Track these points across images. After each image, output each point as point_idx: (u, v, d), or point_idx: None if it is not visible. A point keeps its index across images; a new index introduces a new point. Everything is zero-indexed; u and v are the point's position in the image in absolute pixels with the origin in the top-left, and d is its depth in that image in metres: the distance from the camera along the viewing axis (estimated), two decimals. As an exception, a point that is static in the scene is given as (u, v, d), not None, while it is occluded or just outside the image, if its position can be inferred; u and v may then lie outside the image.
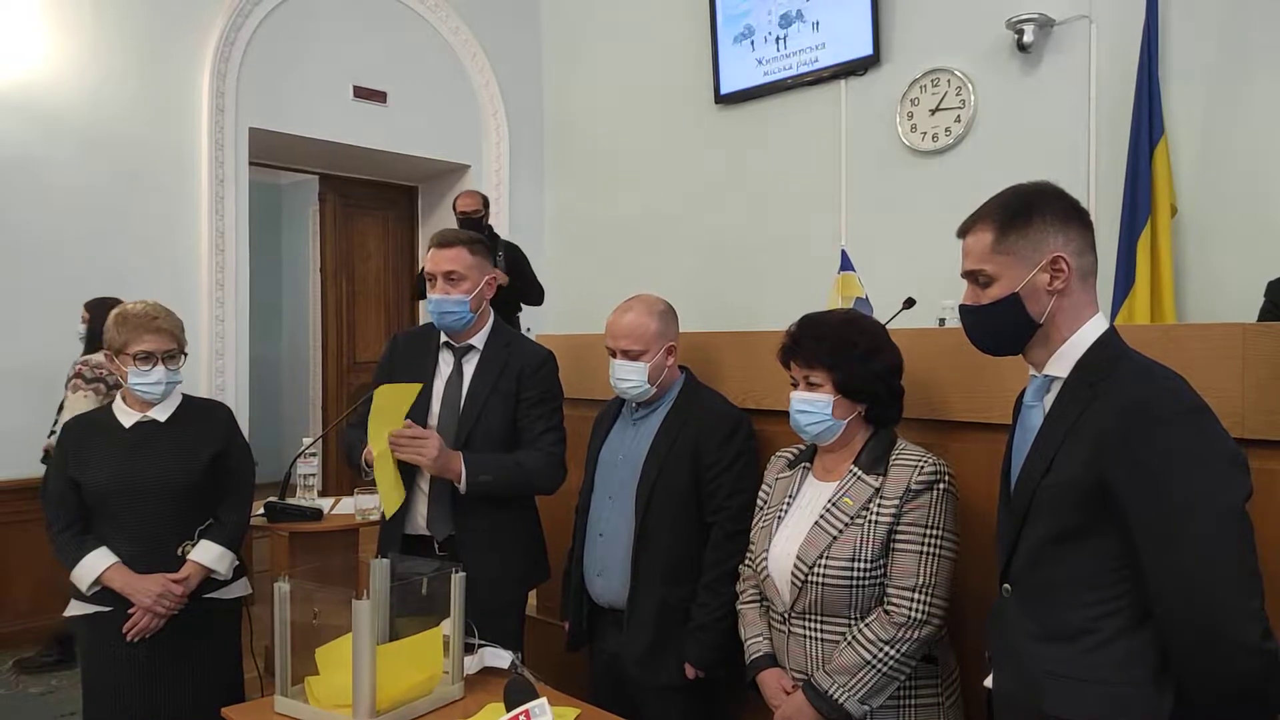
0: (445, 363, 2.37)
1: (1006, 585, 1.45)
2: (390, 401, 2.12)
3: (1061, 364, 1.39)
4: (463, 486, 2.19)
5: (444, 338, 2.38)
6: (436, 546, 2.28)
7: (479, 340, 2.36)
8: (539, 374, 2.35)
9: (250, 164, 5.21)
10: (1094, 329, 1.39)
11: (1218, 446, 1.25)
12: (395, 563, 1.99)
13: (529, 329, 5.50)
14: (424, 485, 2.31)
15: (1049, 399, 1.42)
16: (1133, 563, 1.28)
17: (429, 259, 2.33)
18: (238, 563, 2.33)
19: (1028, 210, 1.39)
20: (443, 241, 2.33)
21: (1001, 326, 1.43)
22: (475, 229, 4.41)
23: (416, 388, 2.15)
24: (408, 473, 2.31)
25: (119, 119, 4.69)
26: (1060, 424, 1.36)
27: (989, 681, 1.51)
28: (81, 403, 3.63)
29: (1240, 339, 1.64)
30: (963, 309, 1.48)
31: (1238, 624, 1.18)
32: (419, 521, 2.31)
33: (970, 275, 1.45)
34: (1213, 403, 1.29)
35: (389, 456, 2.14)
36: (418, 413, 2.30)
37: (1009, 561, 1.44)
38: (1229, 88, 3.73)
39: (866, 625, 1.74)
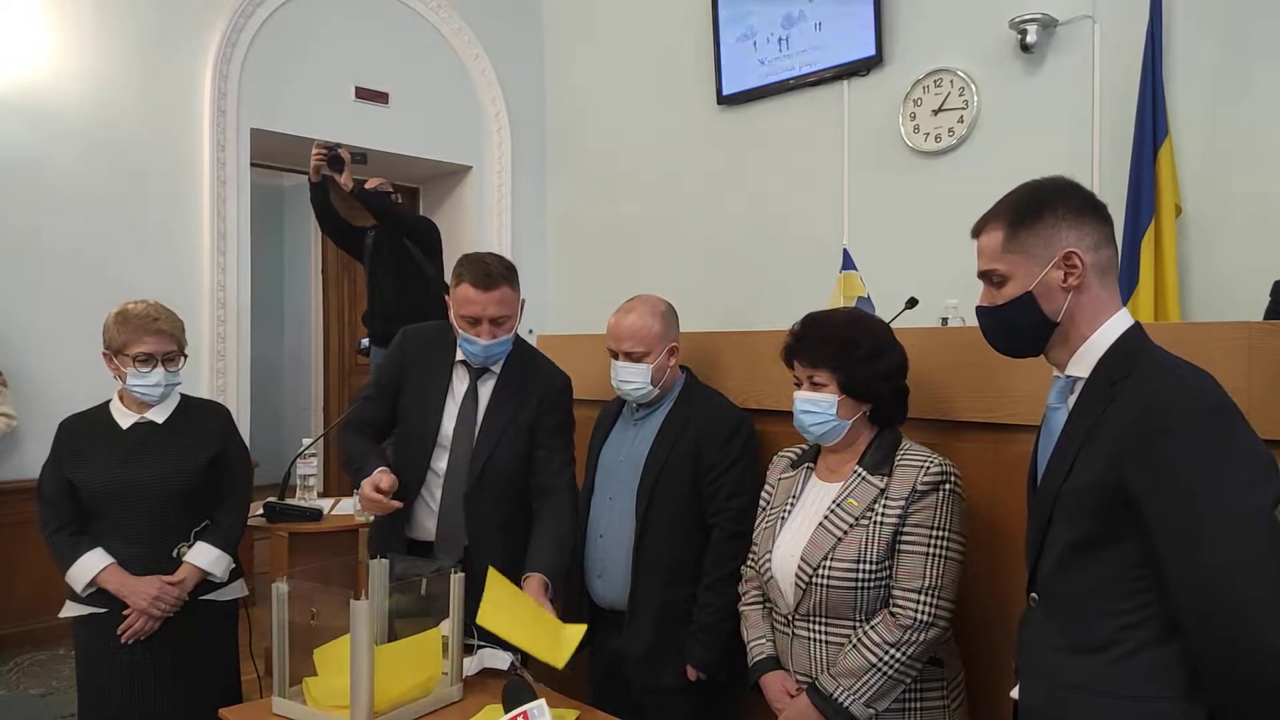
0: (460, 379, 2.25)
1: (1033, 594, 1.41)
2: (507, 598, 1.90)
3: (1083, 364, 1.35)
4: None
5: (460, 354, 2.24)
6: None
7: (497, 364, 2.26)
8: (558, 403, 2.27)
9: (252, 165, 5.20)
10: (1116, 326, 1.35)
11: (1243, 448, 1.20)
12: (394, 563, 1.98)
13: (530, 330, 5.49)
14: (433, 504, 2.24)
15: (1072, 400, 1.37)
16: (1157, 570, 1.23)
17: (466, 299, 2.12)
18: (234, 565, 2.32)
19: (1038, 207, 1.36)
20: (487, 284, 2.11)
21: (1017, 327, 1.39)
22: (384, 205, 4.32)
23: (528, 600, 1.93)
24: (414, 481, 2.24)
25: (120, 120, 4.68)
26: (1081, 426, 1.31)
27: (1015, 693, 1.45)
28: (2, 399, 4.03)
29: (1247, 338, 1.62)
30: (979, 310, 1.45)
31: (1264, 633, 1.13)
32: (428, 526, 2.25)
33: (984, 275, 1.42)
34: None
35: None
36: (428, 433, 2.22)
37: (1035, 569, 1.39)
38: (1233, 87, 3.71)
39: (872, 628, 1.72)
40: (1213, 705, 1.22)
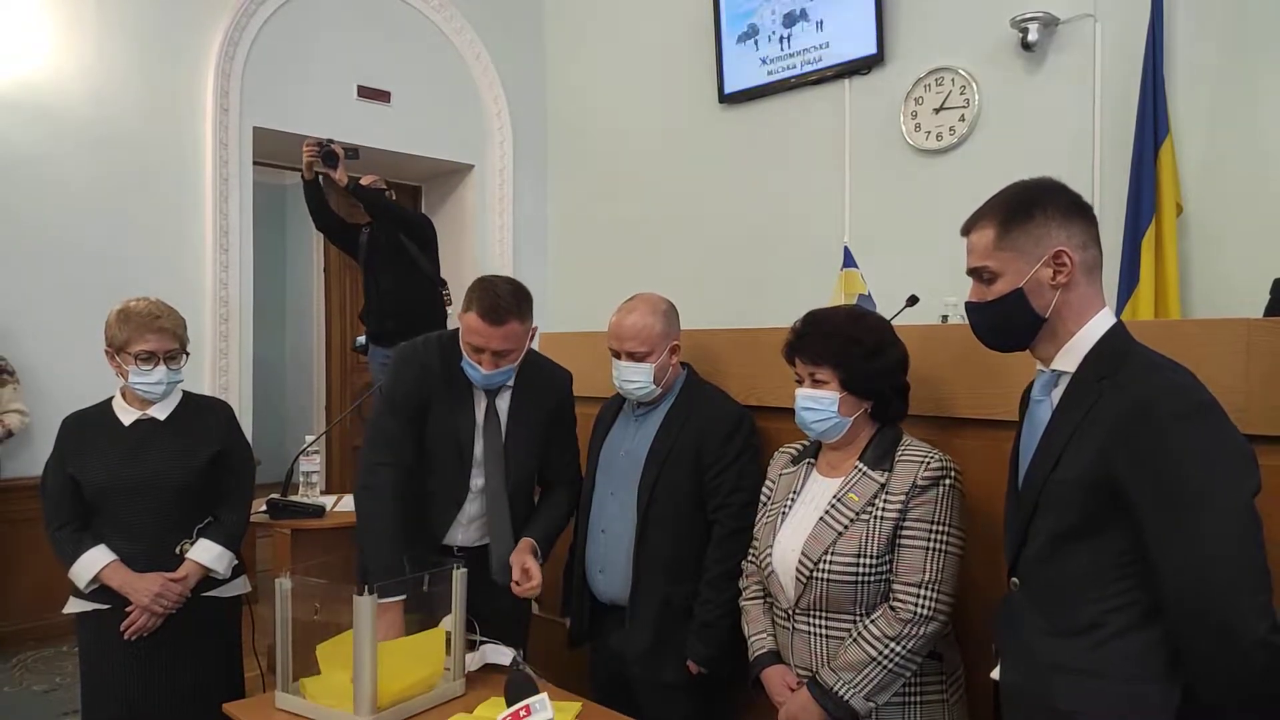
0: (479, 398, 2.26)
1: (1015, 579, 1.45)
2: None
3: (1069, 359, 1.39)
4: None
5: None
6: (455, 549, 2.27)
7: (510, 379, 2.27)
8: (568, 403, 2.38)
9: (254, 164, 5.21)
10: (1101, 323, 1.39)
11: (1226, 442, 1.25)
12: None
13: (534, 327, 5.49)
14: (463, 518, 2.27)
15: (1057, 393, 1.41)
16: (1141, 558, 1.28)
17: (472, 329, 2.11)
18: (236, 562, 2.32)
19: (1029, 206, 1.40)
20: (495, 319, 2.08)
21: (1007, 322, 1.43)
22: (377, 200, 4.34)
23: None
24: (452, 502, 2.25)
25: (123, 118, 4.70)
26: (1068, 419, 1.36)
27: (996, 674, 1.50)
28: (17, 395, 4.06)
29: (1245, 335, 1.63)
30: (968, 306, 1.49)
31: (1247, 619, 1.18)
32: (455, 536, 2.28)
33: (975, 272, 1.46)
34: (1217, 399, 1.28)
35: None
36: (464, 458, 2.23)
37: (1017, 556, 1.44)
38: (1235, 86, 3.71)
39: (872, 622, 1.73)
40: (1200, 694, 1.26)
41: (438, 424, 2.23)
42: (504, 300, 2.10)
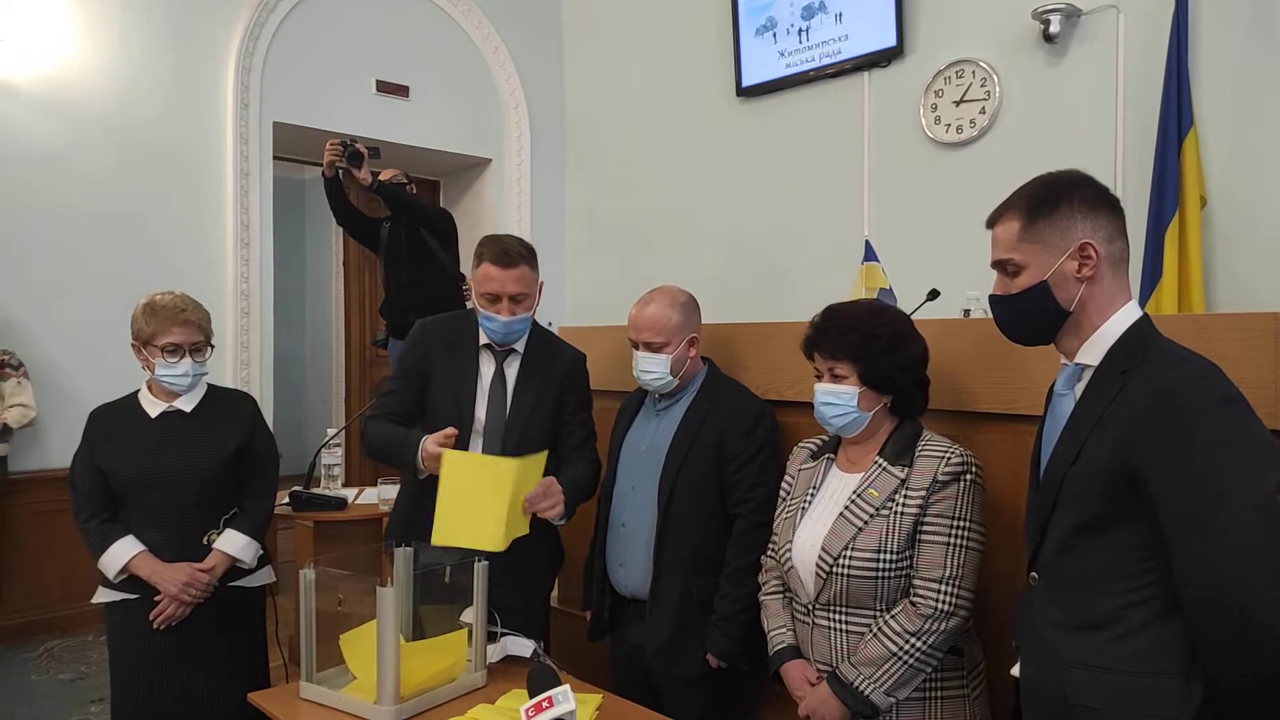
0: (486, 364, 2.31)
1: (1034, 574, 1.45)
2: (473, 471, 2.06)
3: (1093, 352, 1.38)
4: (563, 520, 2.21)
5: (484, 339, 2.31)
6: None
7: (520, 343, 2.32)
8: (579, 379, 2.37)
9: (274, 158, 5.25)
10: (1126, 317, 1.38)
11: (1250, 436, 1.24)
12: (419, 552, 2.01)
13: (550, 322, 5.50)
14: None
15: (1080, 387, 1.40)
16: (1161, 552, 1.27)
17: (488, 277, 2.21)
18: (262, 551, 2.35)
19: (1055, 198, 1.39)
20: (507, 262, 2.21)
21: (1031, 315, 1.42)
22: (399, 196, 4.36)
23: (517, 463, 2.05)
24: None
25: (144, 114, 4.74)
26: (1090, 412, 1.35)
27: (1016, 670, 1.50)
28: (20, 390, 4.06)
29: (1273, 329, 1.61)
30: (992, 299, 1.48)
31: (1267, 614, 1.17)
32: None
33: (999, 264, 1.45)
34: (1243, 393, 1.27)
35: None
36: (464, 421, 2.24)
37: (1037, 550, 1.44)
38: (1260, 78, 3.66)
39: (893, 617, 1.73)
40: (1213, 683, 1.25)
41: (440, 391, 2.30)
42: (512, 246, 2.26)
